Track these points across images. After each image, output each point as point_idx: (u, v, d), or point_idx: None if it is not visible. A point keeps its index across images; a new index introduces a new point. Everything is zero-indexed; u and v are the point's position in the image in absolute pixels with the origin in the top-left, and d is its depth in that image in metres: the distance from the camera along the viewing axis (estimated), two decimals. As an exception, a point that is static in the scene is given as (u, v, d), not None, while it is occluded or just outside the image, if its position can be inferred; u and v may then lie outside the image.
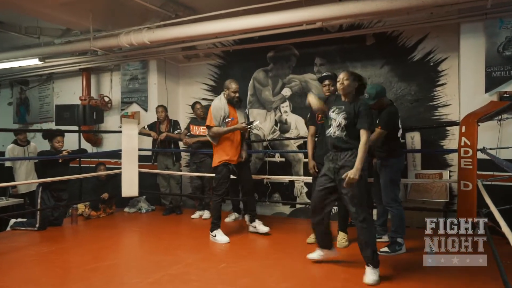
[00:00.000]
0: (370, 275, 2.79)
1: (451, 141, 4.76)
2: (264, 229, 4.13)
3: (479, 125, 3.42)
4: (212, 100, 6.29)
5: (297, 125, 5.67)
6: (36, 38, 6.15)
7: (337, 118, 2.93)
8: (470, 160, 3.39)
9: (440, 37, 4.83)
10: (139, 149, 5.40)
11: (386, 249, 3.49)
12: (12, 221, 4.80)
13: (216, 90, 6.33)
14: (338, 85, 2.98)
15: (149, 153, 5.77)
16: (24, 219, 4.77)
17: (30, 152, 5.73)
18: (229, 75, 6.21)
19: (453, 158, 4.65)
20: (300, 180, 5.53)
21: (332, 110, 3.01)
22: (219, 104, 4.12)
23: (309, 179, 5.06)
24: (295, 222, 4.93)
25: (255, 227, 4.21)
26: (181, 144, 5.69)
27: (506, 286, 2.22)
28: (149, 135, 5.55)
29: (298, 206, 5.61)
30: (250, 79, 6.03)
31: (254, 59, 5.94)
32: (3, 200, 5.90)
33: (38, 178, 4.90)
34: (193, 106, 5.41)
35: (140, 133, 5.49)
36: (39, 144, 5.94)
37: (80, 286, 2.82)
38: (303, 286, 2.82)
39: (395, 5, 3.87)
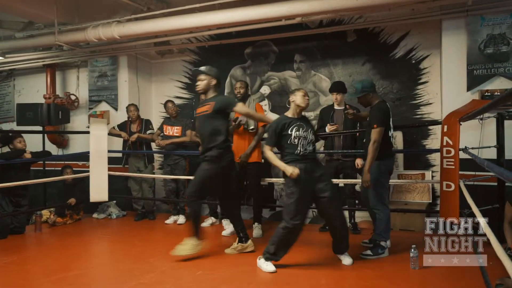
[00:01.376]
0: (347, 259, 3.37)
1: (434, 140, 4.89)
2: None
3: (461, 124, 3.52)
4: (186, 98, 6.32)
5: (277, 124, 5.69)
6: (-6, 31, 6.01)
7: (307, 135, 3.30)
8: (453, 160, 3.48)
9: (422, 34, 4.96)
10: (109, 151, 5.32)
11: (368, 252, 3.55)
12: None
13: (191, 87, 6.30)
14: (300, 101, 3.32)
15: (120, 155, 5.70)
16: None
17: None
18: (205, 72, 6.19)
19: (435, 158, 4.77)
20: (280, 183, 5.56)
21: (291, 129, 3.28)
22: None
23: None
24: (274, 225, 4.92)
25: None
26: (153, 145, 5.63)
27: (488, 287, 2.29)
28: (119, 135, 5.48)
29: (277, 209, 5.64)
30: (227, 77, 6.03)
31: (231, 55, 5.96)
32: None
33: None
34: (165, 104, 5.36)
35: (109, 134, 5.41)
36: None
37: (44, 299, 2.77)
38: (283, 293, 2.84)
39: (376, 0, 3.95)
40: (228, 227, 4.55)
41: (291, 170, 3.11)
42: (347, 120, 4.39)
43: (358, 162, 4.39)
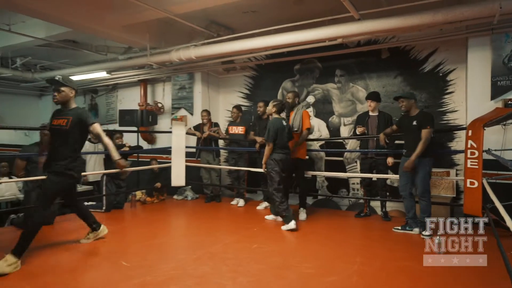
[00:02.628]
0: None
1: (458, 143, 4.56)
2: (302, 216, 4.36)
3: (485, 129, 3.24)
4: (247, 106, 6.37)
5: (320, 127, 5.59)
6: (104, 55, 6.38)
7: None
8: (476, 160, 3.22)
9: (449, 50, 4.63)
10: (186, 147, 5.48)
11: (430, 232, 3.36)
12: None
13: (250, 97, 6.34)
14: None
15: (194, 150, 5.85)
16: (94, 203, 4.97)
17: (99, 148, 5.96)
18: (262, 85, 6.22)
19: (459, 158, 4.45)
20: (322, 175, 5.46)
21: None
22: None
23: (330, 174, 5.00)
24: (316, 211, 4.86)
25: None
26: (221, 142, 5.74)
27: (510, 275, 2.09)
28: (194, 135, 5.63)
29: (319, 197, 5.54)
30: (279, 88, 6.01)
31: (283, 71, 5.92)
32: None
33: (105, 170, 5.09)
34: (232, 109, 5.45)
35: (187, 133, 5.58)
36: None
37: (138, 259, 2.91)
38: (322, 267, 2.77)
39: (407, 22, 3.75)
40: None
41: None
42: (380, 125, 4.22)
43: (389, 160, 4.20)
